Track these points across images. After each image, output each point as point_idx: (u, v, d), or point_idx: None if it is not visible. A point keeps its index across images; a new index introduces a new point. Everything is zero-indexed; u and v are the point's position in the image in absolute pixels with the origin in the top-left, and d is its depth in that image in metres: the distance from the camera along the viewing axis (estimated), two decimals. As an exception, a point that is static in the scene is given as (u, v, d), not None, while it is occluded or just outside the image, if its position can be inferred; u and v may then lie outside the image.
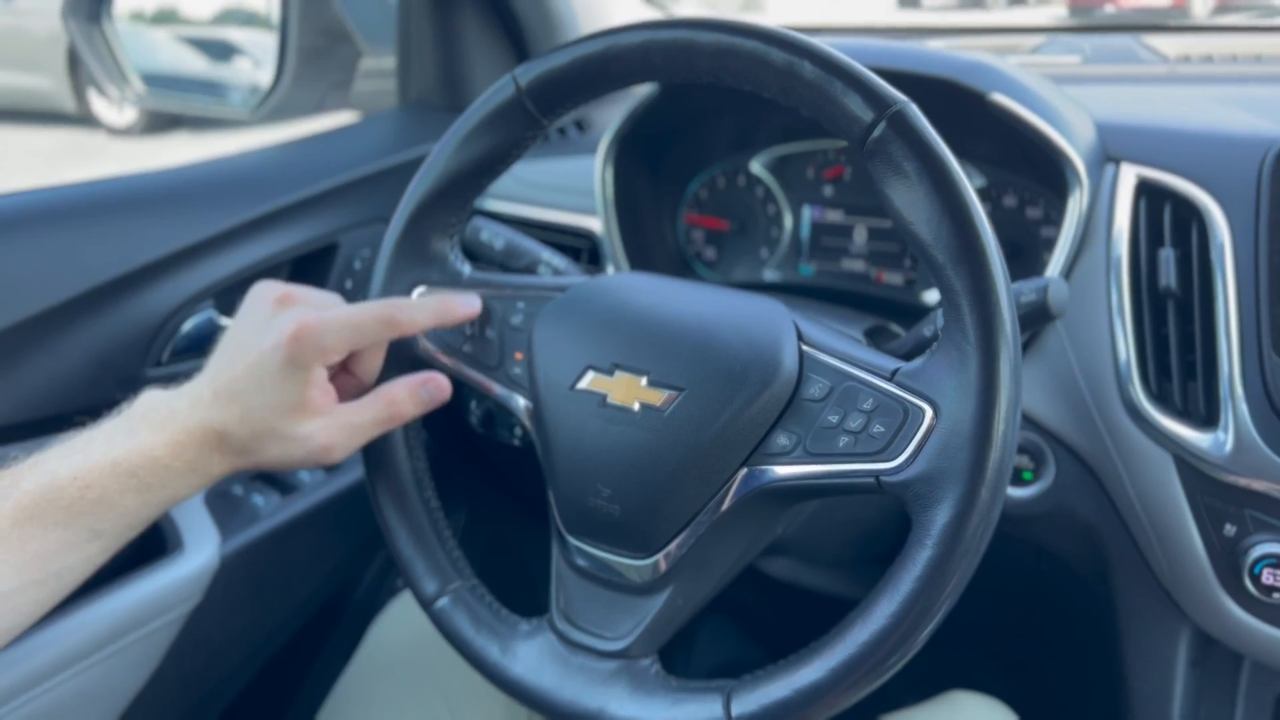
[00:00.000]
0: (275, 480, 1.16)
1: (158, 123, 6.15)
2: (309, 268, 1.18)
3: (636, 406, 0.63)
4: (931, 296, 1.08)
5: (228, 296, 1.08)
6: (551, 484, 0.68)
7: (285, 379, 0.64)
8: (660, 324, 0.65)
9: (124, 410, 0.65)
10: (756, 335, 0.63)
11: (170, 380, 0.70)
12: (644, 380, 0.64)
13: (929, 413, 0.55)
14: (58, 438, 0.64)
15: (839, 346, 0.61)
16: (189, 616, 0.98)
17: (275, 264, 1.12)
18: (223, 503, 1.08)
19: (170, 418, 0.64)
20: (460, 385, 0.75)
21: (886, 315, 0.88)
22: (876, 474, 0.56)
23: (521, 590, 1.32)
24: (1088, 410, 0.87)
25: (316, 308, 0.67)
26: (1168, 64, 1.29)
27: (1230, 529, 0.79)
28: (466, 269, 0.76)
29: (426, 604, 0.72)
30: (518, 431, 1.20)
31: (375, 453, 0.74)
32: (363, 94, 1.48)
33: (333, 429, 0.66)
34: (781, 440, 0.60)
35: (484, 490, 1.47)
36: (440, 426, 1.30)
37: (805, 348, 0.62)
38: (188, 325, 1.04)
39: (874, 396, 0.57)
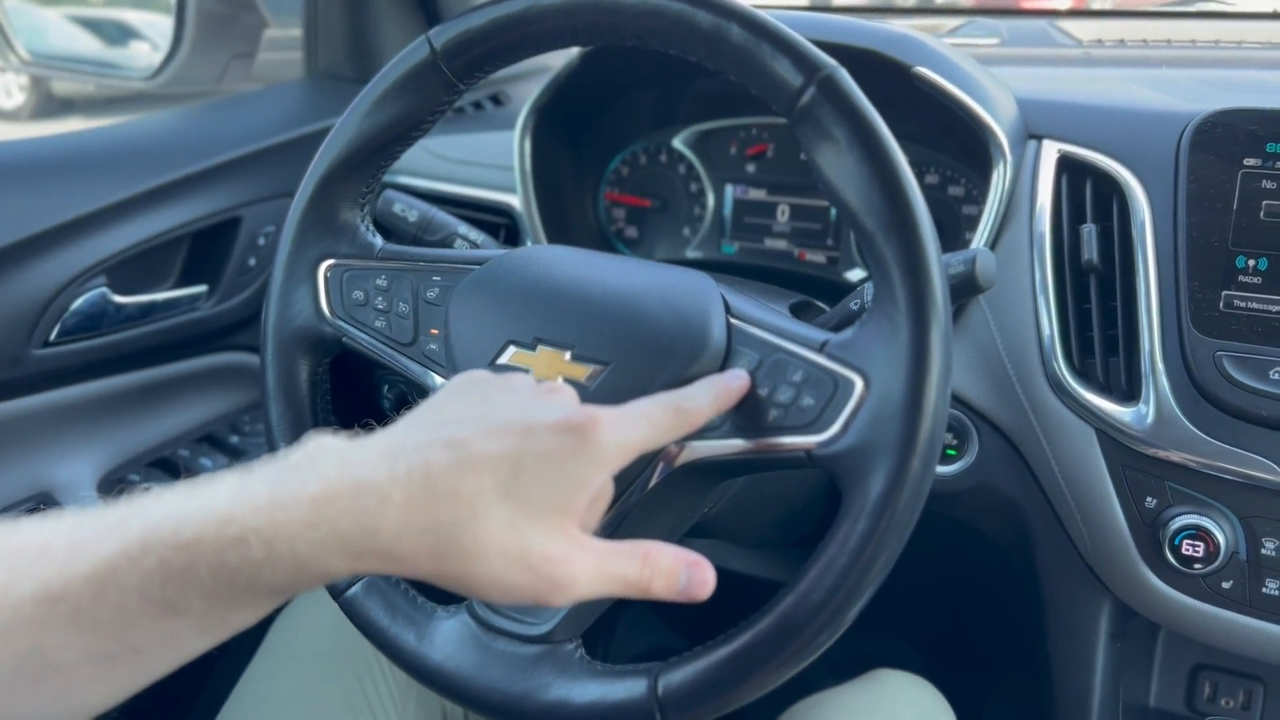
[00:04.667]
0: (173, 468, 1.11)
1: (49, 107, 5.89)
2: (210, 242, 1.15)
3: (560, 382, 0.62)
4: (854, 275, 1.09)
5: (121, 272, 1.03)
6: None
7: (564, 471, 0.46)
8: (584, 297, 0.64)
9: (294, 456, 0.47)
10: (684, 308, 0.62)
11: (58, 363, 0.65)
12: (568, 355, 0.63)
13: (859, 384, 0.54)
14: None
15: (767, 319, 0.61)
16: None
17: (173, 238, 1.09)
18: (117, 491, 1.03)
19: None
20: (373, 368, 0.72)
21: (810, 294, 0.87)
22: (807, 447, 0.55)
23: None
24: (1011, 386, 0.87)
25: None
26: (1082, 47, 1.31)
27: (1151, 501, 0.81)
28: (379, 242, 0.74)
29: (338, 592, 0.69)
30: (433, 414, 1.17)
31: (282, 433, 0.71)
32: (268, 65, 1.44)
33: (587, 562, 0.47)
34: None
35: None
36: (351, 412, 1.26)
37: (733, 320, 0.61)
38: (78, 303, 1.00)
39: (803, 369, 0.57)
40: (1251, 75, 1.06)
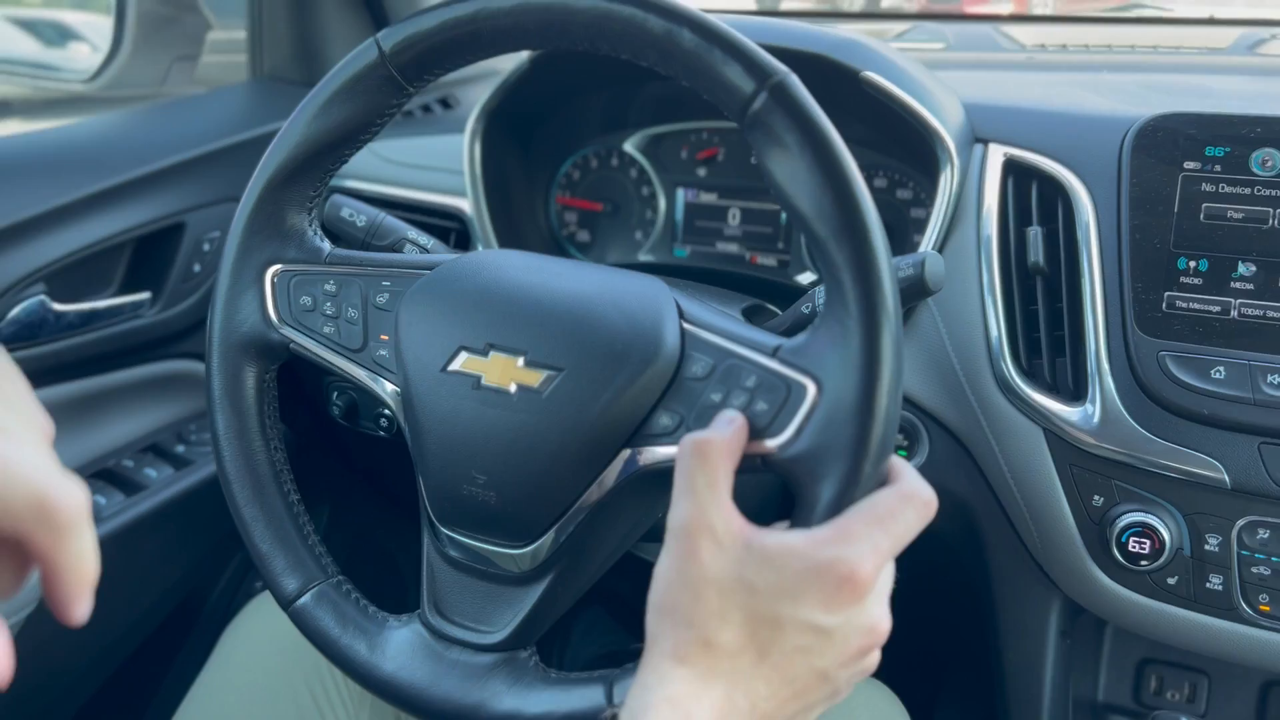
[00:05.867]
0: (118, 479, 1.09)
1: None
2: (153, 249, 1.12)
3: (513, 388, 0.61)
4: (805, 277, 1.09)
5: (61, 279, 1.01)
6: (422, 472, 0.66)
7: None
8: (537, 302, 0.64)
9: None
10: (637, 313, 0.61)
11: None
12: (520, 360, 0.62)
13: (812, 389, 0.54)
14: None
15: (721, 324, 0.60)
16: (25, 623, 0.91)
17: (115, 244, 1.06)
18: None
19: None
20: (322, 375, 0.71)
21: (762, 297, 0.88)
22: (763, 452, 0.55)
23: (390, 588, 1.29)
24: (960, 387, 0.88)
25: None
26: (1025, 51, 1.33)
27: (1098, 500, 0.82)
28: (327, 246, 0.72)
29: (286, 602, 0.69)
30: (383, 422, 1.16)
31: (228, 442, 0.70)
32: (212, 68, 1.42)
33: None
34: (664, 420, 0.59)
35: (347, 486, 1.43)
36: (300, 421, 1.25)
37: (687, 326, 0.61)
38: (15, 311, 0.97)
39: (757, 374, 0.57)
40: (1190, 80, 1.08)
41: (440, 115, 1.27)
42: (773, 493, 0.89)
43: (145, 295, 1.12)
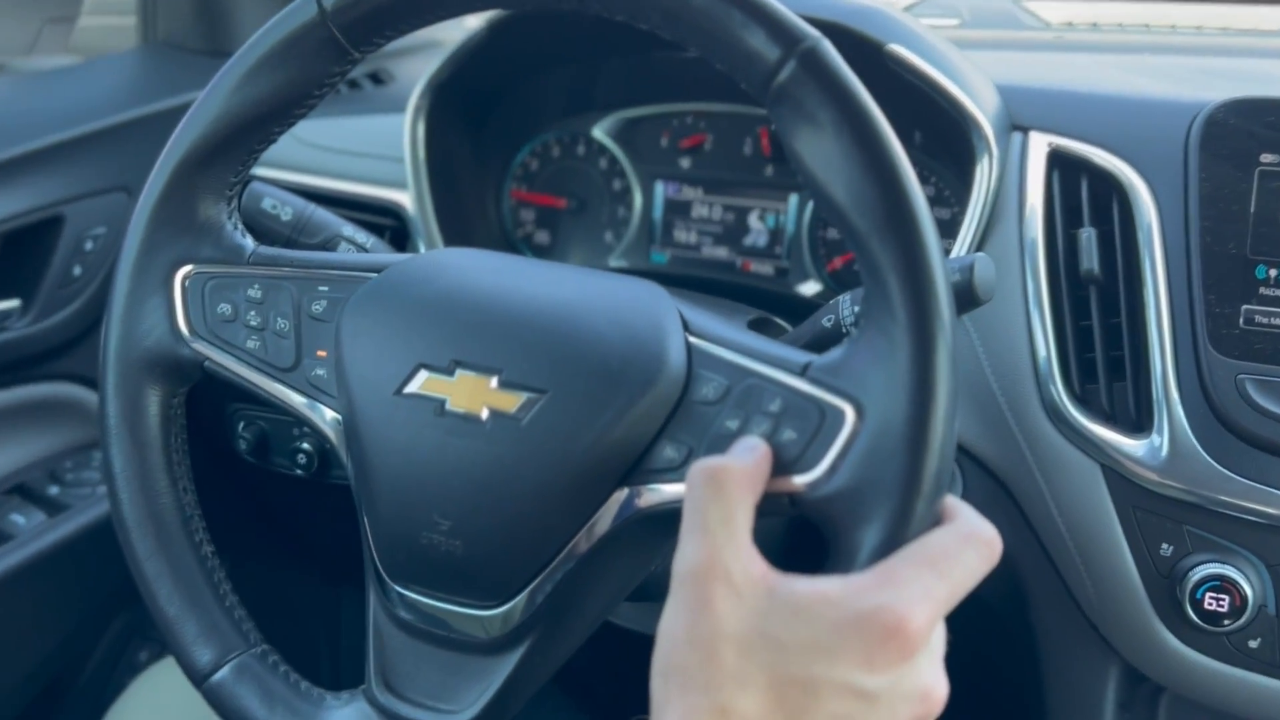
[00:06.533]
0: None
1: None
2: (22, 247, 1.10)
3: (485, 414, 0.61)
4: (807, 288, 1.09)
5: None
6: (370, 516, 0.65)
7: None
8: (513, 310, 0.63)
9: None
10: (635, 323, 0.61)
11: None
12: (494, 381, 0.61)
13: (851, 414, 0.53)
14: None
15: (735, 337, 0.60)
16: None
17: (-25, 242, 1.03)
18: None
19: None
20: (232, 398, 0.70)
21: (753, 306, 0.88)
22: (791, 490, 0.54)
23: (320, 659, 1.26)
24: (1001, 416, 0.88)
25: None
26: (1052, 30, 1.35)
27: (1167, 549, 0.81)
28: (249, 243, 0.72)
29: (201, 677, 0.67)
30: (301, 458, 1.14)
31: (127, 482, 0.69)
32: (91, 32, 1.40)
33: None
34: (669, 453, 0.58)
35: (258, 538, 1.41)
36: (196, 458, 1.23)
37: (694, 339, 0.60)
38: None
39: (783, 396, 0.56)
40: (1248, 64, 1.09)
41: (370, 92, 1.26)
42: (800, 537, 0.88)
43: (13, 303, 1.11)
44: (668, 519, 0.58)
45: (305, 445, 1.11)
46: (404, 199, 1.09)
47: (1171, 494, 0.80)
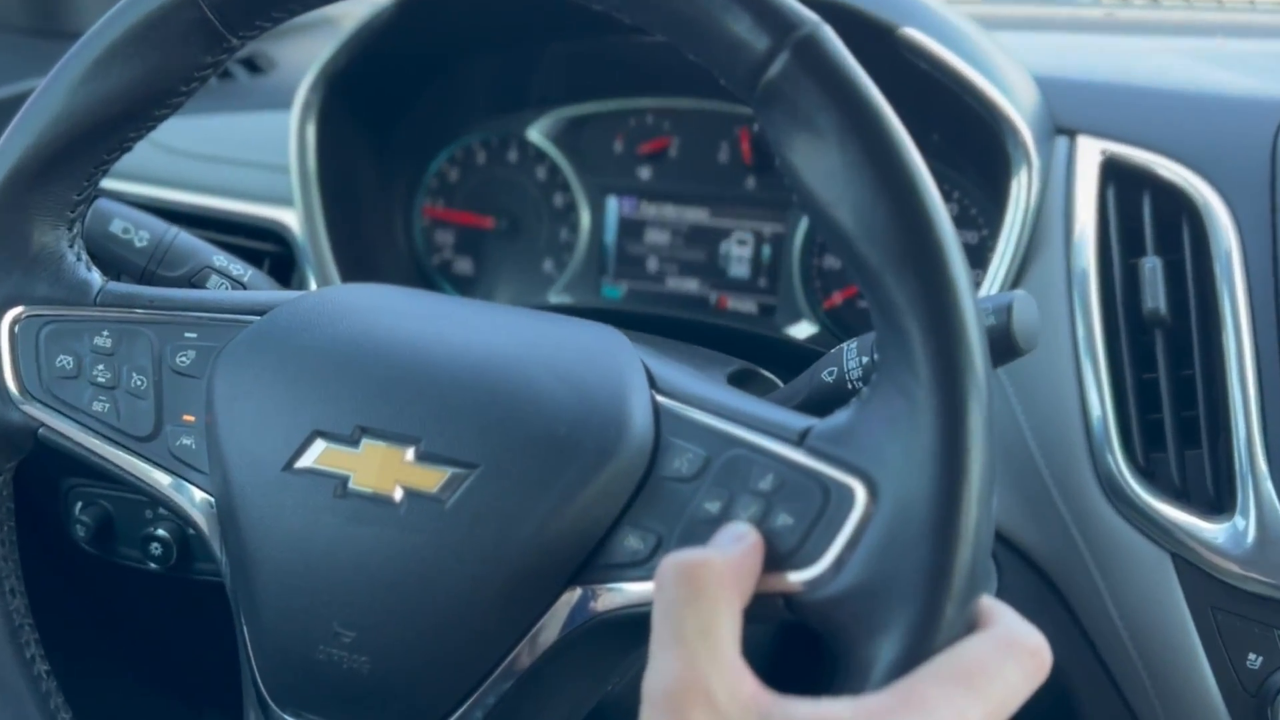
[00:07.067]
0: None
1: None
2: None
3: (399, 495, 0.61)
4: (799, 330, 1.10)
5: None
6: (251, 625, 0.65)
7: None
8: (432, 363, 0.64)
9: None
10: (586, 378, 0.62)
11: None
12: (410, 452, 0.61)
13: (861, 493, 0.54)
14: None
15: (714, 396, 0.61)
16: None
17: None
18: None
19: None
20: (68, 472, 0.70)
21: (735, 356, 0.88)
22: (786, 591, 0.55)
23: None
24: (1046, 493, 0.88)
25: None
26: (1101, 6, 1.37)
27: (1255, 659, 0.82)
28: (96, 278, 0.72)
29: None
30: (156, 549, 1.13)
31: None
32: None
33: None
34: (633, 543, 0.59)
35: (104, 650, 1.39)
36: (27, 550, 1.21)
37: (662, 399, 0.61)
38: None
39: (775, 471, 0.56)
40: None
41: (245, 83, 1.27)
42: (798, 644, 0.88)
43: None
44: (632, 627, 0.58)
45: (160, 531, 1.10)
46: (290, 219, 1.09)
47: (1260, 590, 0.81)
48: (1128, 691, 0.88)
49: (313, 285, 1.08)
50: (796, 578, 0.54)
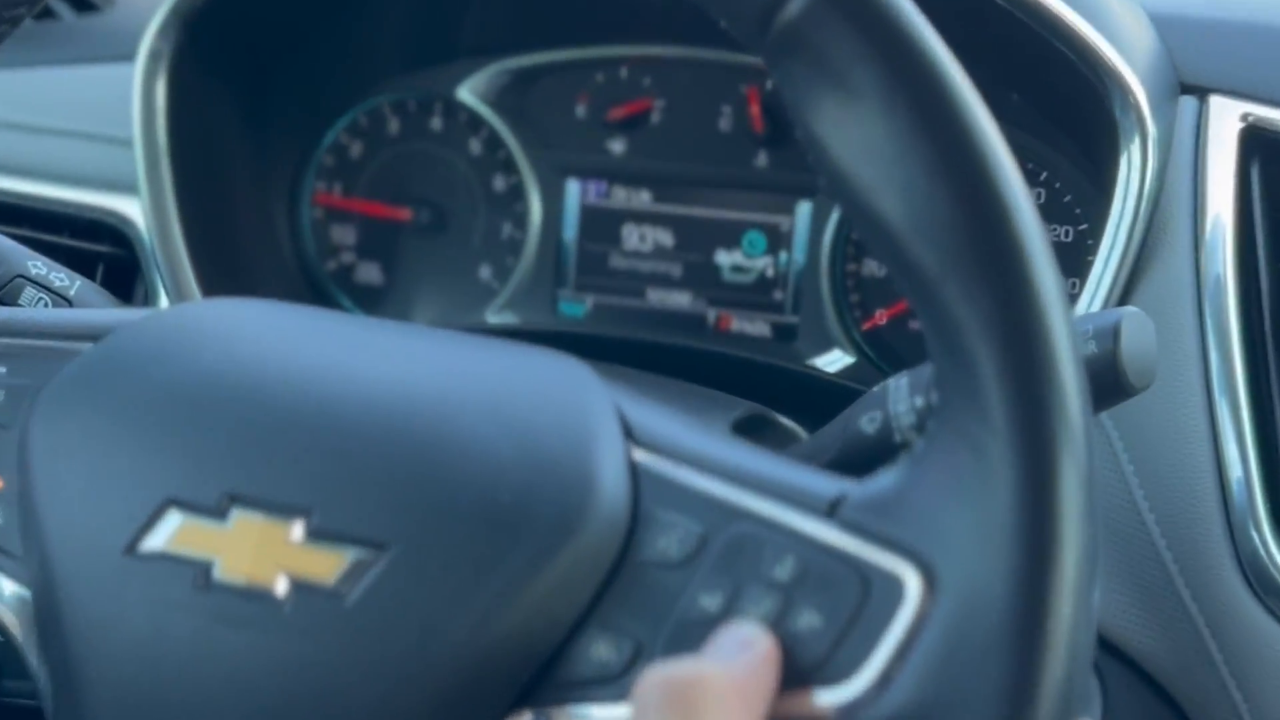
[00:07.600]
0: None
1: None
2: None
3: (282, 587, 0.60)
4: (829, 361, 1.11)
5: None
6: None
7: None
8: (331, 409, 0.63)
9: None
10: (540, 429, 0.62)
11: None
12: (298, 529, 0.61)
13: (915, 583, 0.54)
14: None
15: (713, 452, 0.61)
16: None
17: None
18: None
19: None
20: None
21: (741, 394, 0.90)
22: (809, 717, 0.55)
23: None
24: (1166, 581, 0.88)
25: None
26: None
27: None
28: None
29: None
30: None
31: None
32: None
33: None
34: (602, 651, 0.59)
35: None
36: None
37: (641, 455, 0.61)
38: None
39: (797, 553, 0.56)
40: None
41: (72, 24, 1.28)
42: None
43: None
44: (598, 762, 0.60)
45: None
46: (132, 209, 1.10)
47: None
48: None
49: (163, 301, 1.10)
50: (827, 699, 0.54)
